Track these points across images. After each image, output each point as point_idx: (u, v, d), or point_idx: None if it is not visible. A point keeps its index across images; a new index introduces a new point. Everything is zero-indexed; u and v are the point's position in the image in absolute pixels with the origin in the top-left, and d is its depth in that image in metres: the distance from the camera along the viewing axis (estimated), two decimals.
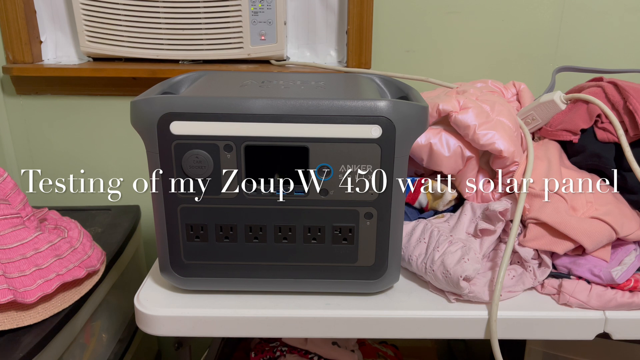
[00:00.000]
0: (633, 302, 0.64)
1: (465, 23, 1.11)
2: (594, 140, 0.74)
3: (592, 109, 0.75)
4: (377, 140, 0.59)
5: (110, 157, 1.22)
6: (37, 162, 1.22)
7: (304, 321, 0.64)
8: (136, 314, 0.65)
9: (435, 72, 1.13)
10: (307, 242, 0.63)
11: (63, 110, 1.18)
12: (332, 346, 0.98)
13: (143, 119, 0.59)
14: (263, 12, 1.10)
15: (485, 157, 0.75)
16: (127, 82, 1.15)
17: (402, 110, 0.59)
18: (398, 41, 1.12)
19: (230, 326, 0.64)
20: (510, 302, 0.65)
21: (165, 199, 0.62)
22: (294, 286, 0.66)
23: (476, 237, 0.69)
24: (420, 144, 0.73)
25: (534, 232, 0.67)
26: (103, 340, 0.94)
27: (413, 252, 0.68)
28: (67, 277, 0.72)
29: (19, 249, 0.69)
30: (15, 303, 0.68)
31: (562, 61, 1.12)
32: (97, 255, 0.80)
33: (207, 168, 0.60)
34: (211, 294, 0.67)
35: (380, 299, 0.66)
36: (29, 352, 0.66)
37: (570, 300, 0.64)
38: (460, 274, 0.62)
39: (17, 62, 1.13)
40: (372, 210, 0.62)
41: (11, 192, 0.73)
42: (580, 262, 0.66)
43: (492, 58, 1.13)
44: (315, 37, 1.16)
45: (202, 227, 0.63)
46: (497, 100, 0.76)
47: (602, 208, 0.68)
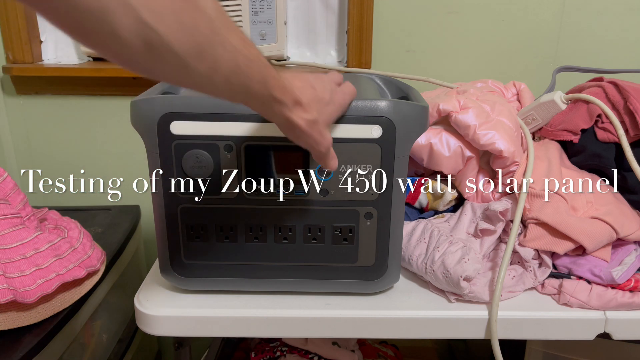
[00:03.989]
0: (633, 302, 0.63)
1: (465, 23, 1.11)
2: (594, 140, 0.74)
3: (593, 109, 0.75)
4: (378, 140, 0.59)
5: (110, 157, 1.22)
6: (37, 162, 1.22)
7: (304, 321, 0.64)
8: (136, 314, 0.65)
9: (436, 72, 1.13)
10: (307, 242, 0.63)
11: (63, 110, 1.18)
12: (332, 346, 0.98)
13: (143, 119, 0.59)
14: (263, 12, 1.10)
15: (485, 157, 0.75)
16: (127, 82, 1.15)
17: (403, 111, 0.59)
18: (398, 41, 1.12)
19: (230, 326, 0.64)
20: (511, 302, 0.65)
21: (166, 199, 0.62)
22: (294, 286, 0.66)
23: (476, 237, 0.69)
24: (421, 144, 0.73)
25: (534, 232, 0.67)
26: (103, 340, 0.94)
27: (413, 252, 0.68)
28: (67, 277, 0.72)
29: (19, 248, 0.69)
30: (15, 303, 0.68)
31: (562, 61, 1.12)
32: (97, 255, 0.80)
33: (207, 168, 0.60)
34: (211, 294, 0.66)
35: (380, 299, 0.66)
36: (29, 352, 0.66)
37: (570, 300, 0.64)
38: (460, 274, 0.62)
39: (17, 61, 1.13)
40: (373, 210, 0.62)
41: (11, 192, 0.73)
42: (580, 262, 0.66)
43: (492, 58, 1.13)
44: (316, 37, 1.16)
45: (202, 227, 0.63)
46: (497, 100, 0.76)
47: (603, 208, 0.68)
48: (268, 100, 0.42)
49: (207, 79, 0.35)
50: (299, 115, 0.46)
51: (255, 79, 0.39)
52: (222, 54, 0.34)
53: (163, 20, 0.28)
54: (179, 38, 0.30)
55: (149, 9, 0.27)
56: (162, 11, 0.28)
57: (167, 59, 0.31)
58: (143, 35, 0.28)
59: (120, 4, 0.27)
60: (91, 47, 0.30)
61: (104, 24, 0.27)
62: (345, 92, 0.56)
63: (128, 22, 0.27)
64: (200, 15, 0.31)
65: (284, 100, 0.44)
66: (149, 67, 0.31)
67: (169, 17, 0.29)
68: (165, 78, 0.34)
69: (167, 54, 0.30)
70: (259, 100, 0.42)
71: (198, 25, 0.31)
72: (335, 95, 0.53)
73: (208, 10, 0.31)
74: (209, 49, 0.32)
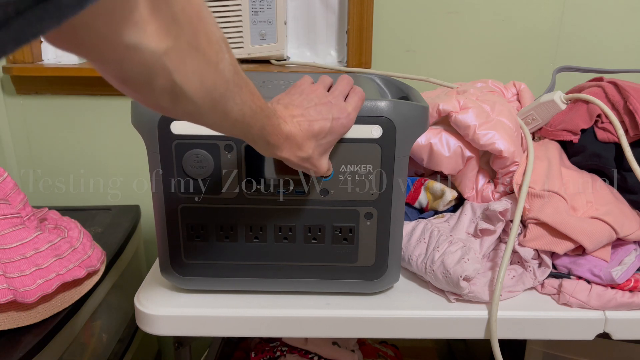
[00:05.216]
0: (633, 302, 0.64)
1: (465, 23, 1.11)
2: (594, 140, 0.74)
3: (592, 109, 0.75)
4: (378, 141, 0.59)
5: (110, 157, 1.22)
6: (37, 162, 1.22)
7: (304, 321, 0.64)
8: (136, 314, 0.65)
9: (436, 72, 1.13)
10: (307, 242, 0.63)
11: (63, 110, 1.18)
12: (332, 346, 0.98)
13: (144, 119, 0.59)
14: (263, 11, 1.10)
15: (485, 157, 0.75)
16: None
17: (403, 111, 0.59)
18: (398, 41, 1.12)
19: (230, 326, 0.64)
20: (510, 302, 0.65)
21: (166, 198, 0.62)
22: (294, 286, 0.66)
23: (476, 237, 0.69)
24: (421, 144, 0.73)
25: (534, 232, 0.67)
26: (103, 340, 0.94)
27: (413, 252, 0.68)
28: (67, 277, 0.72)
29: (19, 248, 0.69)
30: (15, 303, 0.68)
31: (562, 61, 1.12)
32: (97, 255, 0.80)
33: (208, 168, 0.60)
34: (211, 293, 0.67)
35: (380, 299, 0.66)
36: (29, 352, 0.66)
37: (570, 300, 0.64)
38: (460, 274, 0.62)
39: (17, 61, 1.13)
40: (373, 210, 0.62)
41: (11, 192, 0.73)
42: (580, 262, 0.66)
43: (492, 58, 1.13)
44: (316, 37, 1.16)
45: (202, 226, 0.63)
46: (497, 100, 0.76)
47: (602, 208, 0.68)
48: (264, 143, 0.49)
49: (217, 123, 0.43)
50: (292, 153, 0.52)
51: (256, 126, 0.46)
52: (231, 107, 0.41)
53: (189, 81, 0.36)
54: (200, 95, 0.37)
55: (180, 72, 0.35)
56: (189, 75, 0.35)
57: (187, 108, 0.38)
58: (171, 90, 0.36)
59: (161, 67, 0.33)
60: (123, 89, 0.35)
61: (144, 79, 0.34)
62: (350, 113, 0.56)
63: (163, 80, 0.34)
64: (219, 78, 0.38)
65: (278, 144, 0.50)
66: (170, 111, 0.38)
67: (193, 79, 0.36)
68: (182, 118, 0.41)
69: (188, 105, 0.38)
70: (256, 142, 0.49)
71: (216, 86, 0.38)
72: (337, 122, 0.55)
73: (226, 73, 0.39)
74: (221, 102, 0.40)
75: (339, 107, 0.55)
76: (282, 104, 0.54)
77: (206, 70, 0.37)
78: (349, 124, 0.56)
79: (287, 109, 0.53)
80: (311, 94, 0.55)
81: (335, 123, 0.55)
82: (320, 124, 0.53)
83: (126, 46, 0.31)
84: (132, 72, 0.33)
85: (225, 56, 0.39)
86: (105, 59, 0.32)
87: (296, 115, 0.53)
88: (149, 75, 0.34)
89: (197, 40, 0.35)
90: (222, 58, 0.38)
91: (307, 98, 0.55)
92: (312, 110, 0.54)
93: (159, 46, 0.32)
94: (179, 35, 0.33)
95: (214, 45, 0.37)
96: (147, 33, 0.31)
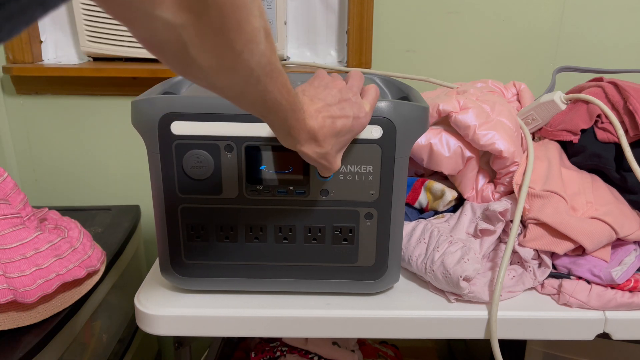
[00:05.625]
0: (633, 302, 0.64)
1: (465, 23, 1.11)
2: (594, 140, 0.74)
3: (592, 109, 0.75)
4: (378, 141, 0.59)
5: (110, 157, 1.22)
6: (37, 162, 1.22)
7: (304, 321, 0.64)
8: (136, 314, 0.65)
9: (436, 72, 1.13)
10: (307, 242, 0.63)
11: (63, 110, 1.18)
12: (332, 346, 0.98)
13: (144, 119, 0.59)
14: None
15: (485, 157, 0.75)
16: (127, 82, 1.15)
17: (403, 111, 0.59)
18: (398, 41, 1.12)
19: (230, 326, 0.64)
20: (510, 302, 0.65)
21: (166, 199, 0.62)
22: (294, 286, 0.66)
23: (476, 237, 0.69)
24: (421, 144, 0.73)
25: (534, 233, 0.67)
26: (103, 340, 0.94)
27: (413, 252, 0.68)
28: (67, 277, 0.72)
29: (19, 248, 0.69)
30: (15, 303, 0.68)
31: (562, 61, 1.12)
32: (97, 255, 0.80)
33: (208, 168, 0.60)
34: (211, 294, 0.67)
35: (380, 299, 0.66)
36: (29, 352, 0.66)
37: (570, 300, 0.64)
38: (460, 274, 0.62)
39: (17, 62, 1.13)
40: (373, 210, 0.62)
41: (11, 192, 0.73)
42: (580, 262, 0.66)
43: (492, 58, 1.13)
44: (316, 37, 1.16)
45: (202, 227, 0.63)
46: (497, 100, 0.76)
47: (602, 208, 0.68)
48: (284, 133, 0.50)
49: (233, 97, 0.44)
50: (311, 148, 0.52)
51: (279, 116, 0.47)
52: (251, 91, 0.42)
53: (203, 56, 0.37)
54: (213, 71, 0.39)
55: (195, 46, 0.36)
56: (206, 51, 0.37)
57: (198, 75, 0.40)
58: (183, 58, 0.37)
59: (175, 38, 0.35)
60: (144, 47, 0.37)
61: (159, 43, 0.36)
62: (367, 112, 0.56)
63: (176, 47, 0.36)
64: (239, 64, 0.39)
65: (299, 138, 0.51)
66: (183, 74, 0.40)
67: (208, 56, 0.37)
68: (195, 82, 0.42)
69: (199, 73, 0.39)
70: (276, 129, 0.49)
71: (236, 69, 0.40)
72: (357, 121, 0.55)
73: (251, 62, 0.39)
74: (239, 84, 0.41)
75: (359, 105, 0.55)
76: (308, 96, 0.53)
77: (225, 53, 0.37)
78: (367, 122, 0.56)
79: (312, 103, 0.52)
80: (334, 88, 0.55)
81: (355, 122, 0.54)
82: (343, 121, 0.53)
83: (143, 11, 0.32)
84: (148, 35, 0.35)
85: (259, 47, 0.39)
86: (124, 18, 0.34)
87: (321, 110, 0.52)
88: (165, 41, 0.35)
89: (223, 24, 0.35)
90: (252, 49, 0.38)
91: (331, 93, 0.54)
92: (336, 107, 0.53)
93: (175, 19, 0.33)
94: (201, 14, 0.34)
95: (245, 34, 0.37)
96: (164, 4, 0.32)
